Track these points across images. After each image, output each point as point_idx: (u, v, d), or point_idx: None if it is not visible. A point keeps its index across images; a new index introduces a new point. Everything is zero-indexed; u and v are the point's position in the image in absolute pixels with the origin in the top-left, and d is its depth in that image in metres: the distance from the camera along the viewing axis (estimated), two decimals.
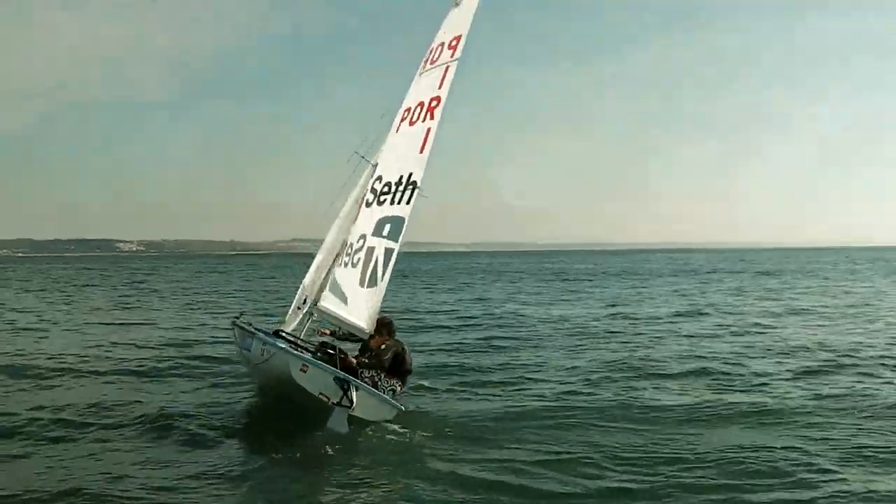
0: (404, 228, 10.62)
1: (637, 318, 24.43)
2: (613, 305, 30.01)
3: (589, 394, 12.26)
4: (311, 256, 11.95)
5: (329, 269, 11.28)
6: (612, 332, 20.86)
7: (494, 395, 12.15)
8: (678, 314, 25.76)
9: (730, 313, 26.02)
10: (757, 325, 22.29)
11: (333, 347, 10.46)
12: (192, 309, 29.68)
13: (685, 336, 19.68)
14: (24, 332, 20.79)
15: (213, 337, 19.38)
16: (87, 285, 50.70)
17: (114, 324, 23.23)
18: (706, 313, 26.10)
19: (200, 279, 59.13)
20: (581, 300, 34.07)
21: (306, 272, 11.64)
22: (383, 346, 10.30)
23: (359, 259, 10.70)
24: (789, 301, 31.39)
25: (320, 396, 9.10)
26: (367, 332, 10.68)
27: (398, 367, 10.36)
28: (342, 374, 9.30)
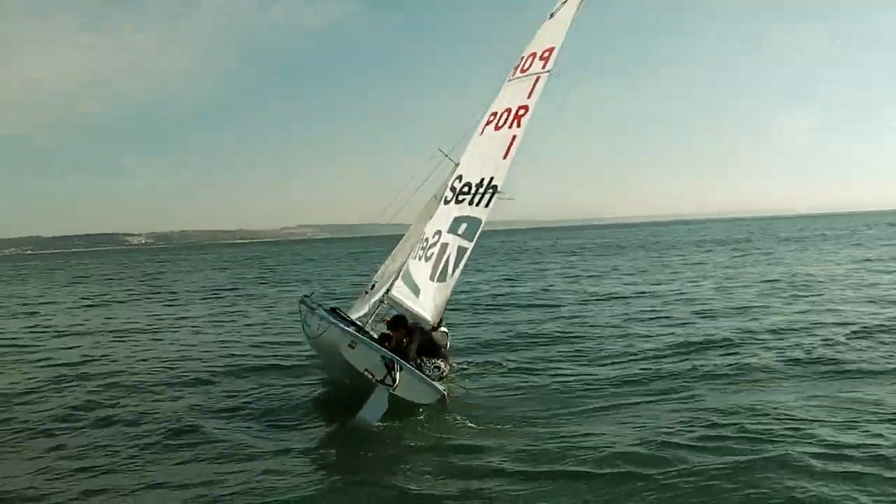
0: (480, 230, 10.79)
1: (683, 292, 23.91)
2: (658, 280, 29.26)
3: (656, 369, 12.14)
4: (322, 242, 11.96)
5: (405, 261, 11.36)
6: (668, 303, 20.82)
7: (552, 378, 12.00)
8: (726, 285, 25.42)
9: (776, 280, 25.86)
10: (808, 291, 22.26)
11: (391, 338, 11.18)
12: (220, 299, 29.58)
13: (748, 307, 19.41)
14: (64, 336, 20.53)
15: (258, 329, 19.24)
16: (111, 278, 50.71)
17: (150, 317, 22.99)
18: (761, 282, 25.84)
19: (219, 269, 59.03)
20: (617, 272, 34.01)
21: (322, 257, 11.72)
22: (406, 340, 10.80)
23: (432, 254, 10.84)
24: (830, 267, 31.15)
25: (365, 373, 9.44)
26: (432, 324, 10.88)
27: (431, 347, 10.86)
28: (389, 353, 9.70)
